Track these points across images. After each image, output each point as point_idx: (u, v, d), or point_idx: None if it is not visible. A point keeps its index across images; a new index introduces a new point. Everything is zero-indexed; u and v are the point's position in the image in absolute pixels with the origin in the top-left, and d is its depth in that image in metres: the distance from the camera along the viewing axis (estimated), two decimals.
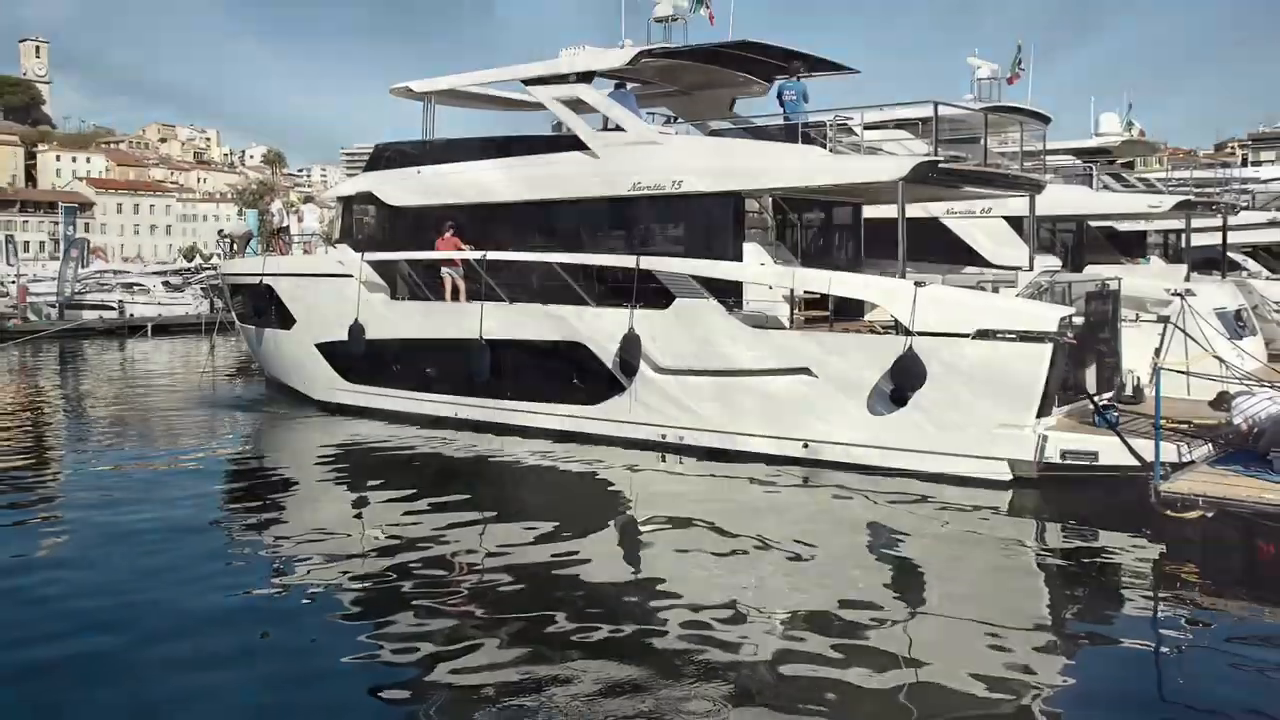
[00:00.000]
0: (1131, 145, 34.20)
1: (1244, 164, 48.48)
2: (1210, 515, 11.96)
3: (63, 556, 12.91)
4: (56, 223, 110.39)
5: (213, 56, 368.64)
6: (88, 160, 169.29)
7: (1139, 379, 17.51)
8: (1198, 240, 27.29)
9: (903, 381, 15.67)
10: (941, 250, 23.66)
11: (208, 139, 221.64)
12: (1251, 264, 33.51)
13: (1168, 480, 12.63)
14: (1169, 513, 12.21)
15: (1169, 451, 13.66)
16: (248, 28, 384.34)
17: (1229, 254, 28.02)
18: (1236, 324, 20.93)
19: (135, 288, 56.79)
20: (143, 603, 10.97)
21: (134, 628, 10.29)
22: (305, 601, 11.08)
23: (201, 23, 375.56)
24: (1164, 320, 17.92)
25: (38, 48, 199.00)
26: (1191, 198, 26.63)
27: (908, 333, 15.69)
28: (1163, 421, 13.43)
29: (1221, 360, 16.42)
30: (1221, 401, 15.53)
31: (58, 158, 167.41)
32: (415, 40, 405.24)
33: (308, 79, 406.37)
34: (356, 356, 22.40)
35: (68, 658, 9.58)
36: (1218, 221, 26.99)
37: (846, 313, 18.28)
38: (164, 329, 51.33)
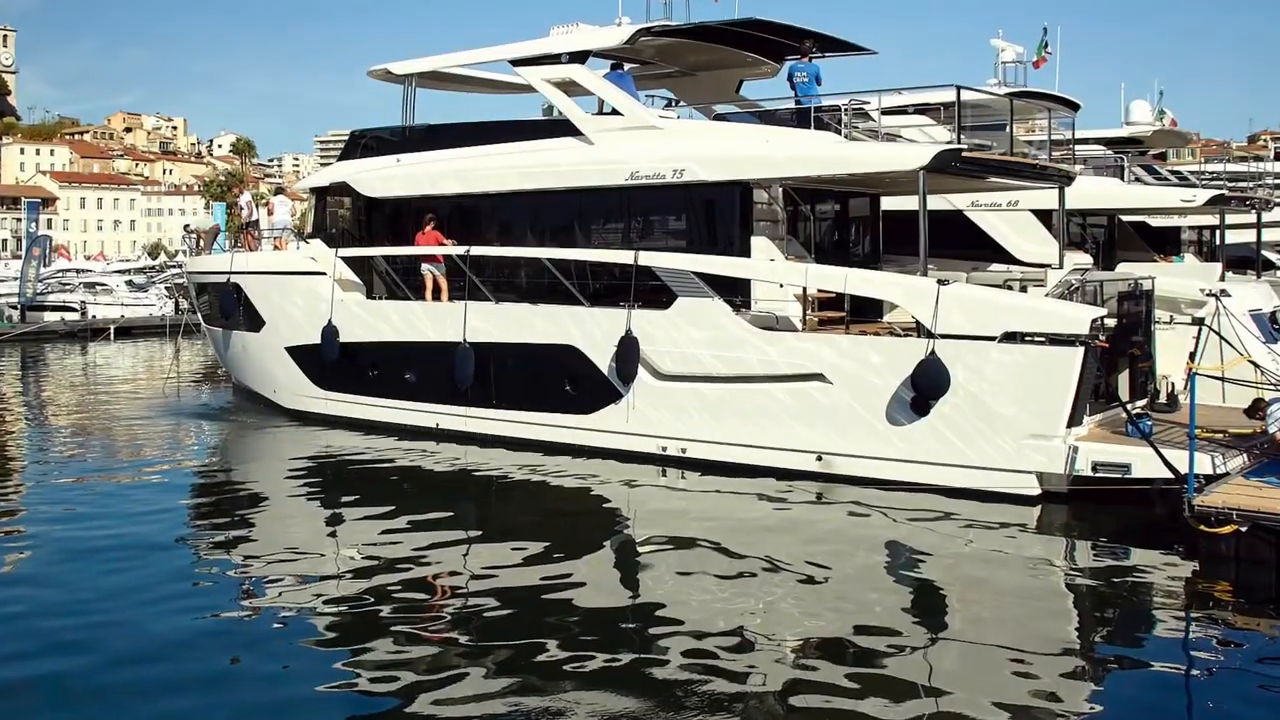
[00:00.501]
0: (1164, 135, 34.20)
1: (1276, 158, 48.50)
2: (1244, 530, 12.09)
3: (24, 573, 12.93)
4: (19, 219, 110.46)
5: (180, 36, 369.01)
6: (51, 153, 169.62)
7: (1174, 385, 17.48)
8: (1230, 237, 27.30)
9: (925, 388, 15.60)
10: (965, 245, 23.62)
11: (174, 128, 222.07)
12: None
13: (1201, 493, 12.67)
14: (1202, 527, 12.33)
15: (1204, 462, 13.67)
16: (218, 4, 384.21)
17: (1263, 252, 28.01)
18: (1271, 327, 20.94)
19: (98, 288, 56.84)
20: (107, 623, 10.98)
21: (98, 650, 10.30)
22: (277, 625, 11.02)
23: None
24: (1198, 322, 17.91)
25: (4, 36, 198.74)
26: (1225, 192, 26.63)
27: (930, 335, 15.63)
28: (1197, 431, 13.43)
29: (1256, 365, 16.42)
30: (1256, 409, 15.56)
31: (21, 150, 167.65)
32: (397, 16, 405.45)
33: (280, 60, 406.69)
34: (330, 361, 22.33)
35: (29, 679, 9.61)
36: (1251, 218, 27.01)
37: (864, 313, 18.23)
38: (127, 331, 51.35)
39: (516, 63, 20.97)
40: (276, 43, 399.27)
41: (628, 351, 18.19)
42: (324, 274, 22.66)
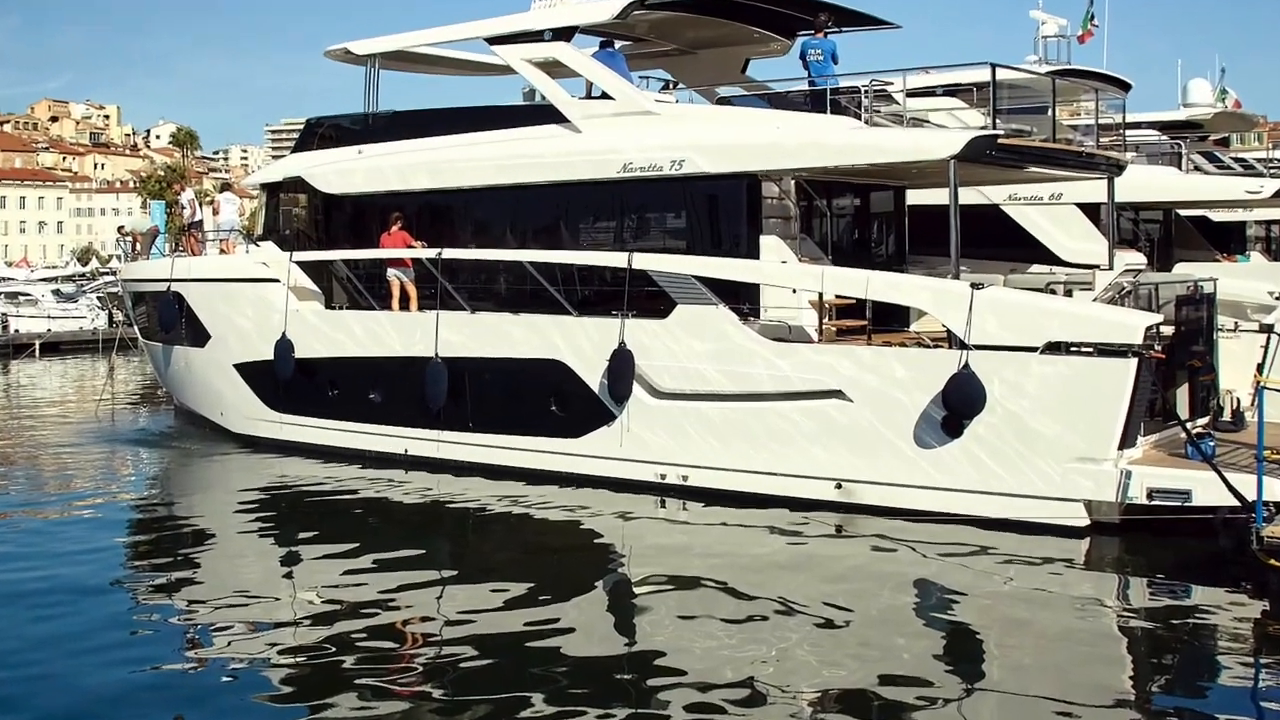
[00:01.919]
0: (1226, 118, 34.33)
1: None
2: None
3: None
4: None
5: (113, 13, 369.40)
6: None
7: (1239, 401, 17.51)
8: None
9: (957, 406, 15.63)
10: (1002, 244, 23.71)
11: (106, 117, 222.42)
12: None
13: (1271, 523, 12.69)
14: (1273, 561, 12.38)
15: (1274, 488, 13.67)
16: None
17: None
18: None
19: (21, 298, 56.89)
20: (35, 677, 10.97)
21: (25, 707, 10.27)
22: (226, 679, 11.02)
23: None
24: (1267, 330, 17.94)
25: None
26: None
27: (963, 346, 15.68)
28: (1266, 452, 13.44)
29: None
30: None
31: None
32: None
33: (226, 40, 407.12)
34: (284, 379, 22.34)
35: None
36: None
37: (888, 321, 18.27)
38: (54, 347, 51.43)
39: (493, 40, 21.04)
40: (222, 20, 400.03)
41: (621, 366, 18.22)
42: (277, 281, 22.69)
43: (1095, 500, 15.27)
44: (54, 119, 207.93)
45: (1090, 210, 24.17)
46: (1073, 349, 15.29)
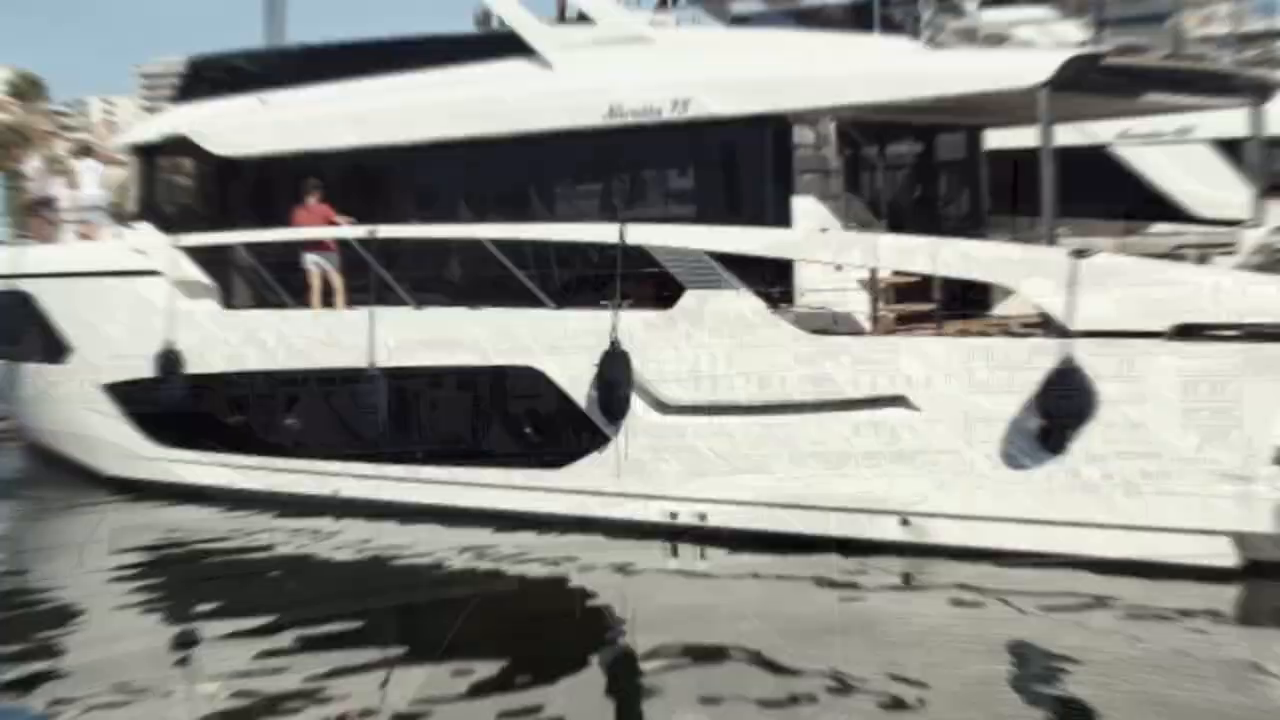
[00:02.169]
0: None
1: None
2: None
3: None
4: None
5: None
6: None
7: None
8: None
9: (1058, 413, 15.65)
10: (1113, 198, 23.71)
11: None
12: None
13: None
14: None
15: None
16: None
17: None
18: None
19: None
20: None
21: None
22: None
23: None
24: None
25: None
26: None
27: (1064, 334, 15.70)
28: None
29: None
30: None
31: None
32: None
33: None
34: (171, 403, 22.34)
35: None
36: None
37: (964, 304, 18.29)
38: None
39: None
40: None
41: (615, 373, 18.23)
42: (157, 274, 22.69)
43: (1247, 532, 15.30)
44: None
45: (1230, 149, 24.18)
46: (1212, 334, 15.30)
